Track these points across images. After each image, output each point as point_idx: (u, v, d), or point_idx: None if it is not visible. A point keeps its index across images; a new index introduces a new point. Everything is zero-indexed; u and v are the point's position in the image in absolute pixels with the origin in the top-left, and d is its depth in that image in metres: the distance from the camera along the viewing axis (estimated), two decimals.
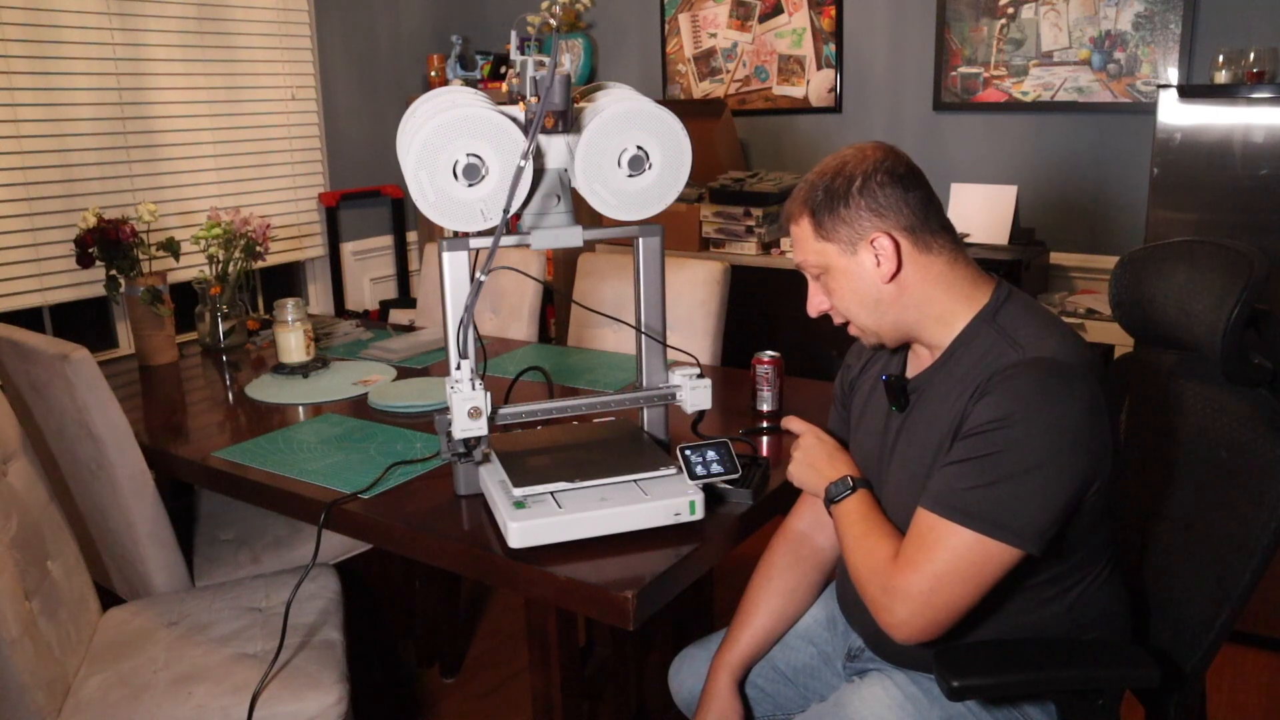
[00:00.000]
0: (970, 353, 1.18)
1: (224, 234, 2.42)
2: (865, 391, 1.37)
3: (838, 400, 1.47)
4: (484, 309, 2.68)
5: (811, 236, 1.22)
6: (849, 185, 1.18)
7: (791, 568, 1.44)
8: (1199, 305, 1.25)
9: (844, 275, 1.21)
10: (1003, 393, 1.09)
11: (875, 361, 1.38)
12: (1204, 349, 1.26)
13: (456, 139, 1.32)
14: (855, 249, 1.19)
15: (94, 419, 1.71)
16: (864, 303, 1.22)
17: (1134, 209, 2.93)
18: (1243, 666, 2.33)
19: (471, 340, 1.40)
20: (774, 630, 1.43)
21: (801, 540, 1.45)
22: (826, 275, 1.23)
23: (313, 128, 3.62)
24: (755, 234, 3.23)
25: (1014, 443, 1.07)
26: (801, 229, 1.23)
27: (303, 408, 1.99)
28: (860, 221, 1.18)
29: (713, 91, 3.70)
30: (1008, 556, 1.08)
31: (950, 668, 1.12)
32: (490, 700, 2.31)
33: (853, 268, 1.20)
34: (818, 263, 1.22)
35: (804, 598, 1.45)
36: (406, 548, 1.45)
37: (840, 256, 1.20)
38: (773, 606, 1.43)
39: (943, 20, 3.18)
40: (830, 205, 1.19)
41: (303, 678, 1.57)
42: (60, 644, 1.59)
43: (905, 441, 1.25)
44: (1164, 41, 2.84)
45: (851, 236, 1.19)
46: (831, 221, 1.19)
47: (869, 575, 1.17)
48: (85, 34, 2.89)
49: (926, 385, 1.24)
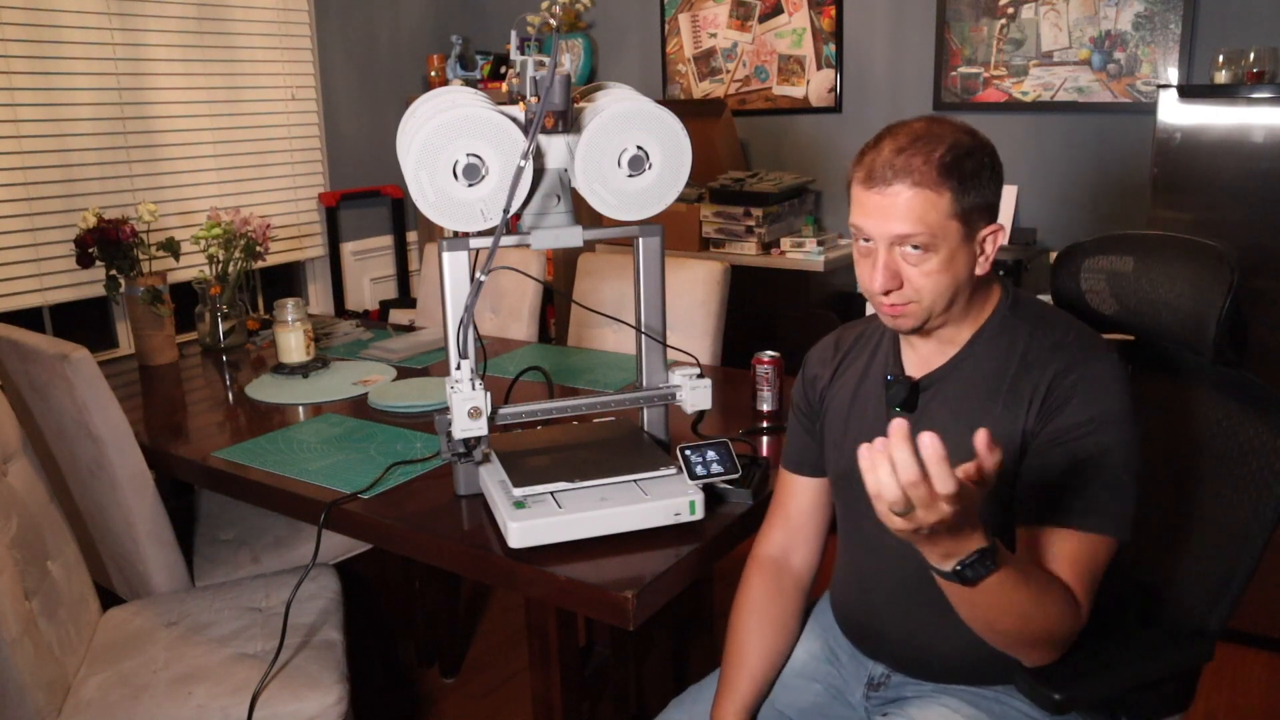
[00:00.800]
0: (994, 347, 1.17)
1: (224, 234, 2.42)
2: (845, 399, 1.30)
3: (801, 414, 1.38)
4: (484, 309, 2.68)
5: (947, 206, 1.08)
6: (993, 167, 1.11)
7: (775, 600, 1.36)
8: (1170, 294, 1.28)
9: (951, 259, 1.10)
10: (1085, 395, 1.10)
11: (850, 365, 1.32)
12: (1172, 335, 1.30)
13: (456, 139, 1.32)
14: (974, 235, 1.11)
15: (94, 419, 1.71)
16: (951, 288, 1.12)
17: (1134, 209, 2.93)
18: (1243, 666, 2.33)
19: (471, 340, 1.40)
20: (770, 669, 1.35)
21: (778, 568, 1.37)
22: (930, 251, 1.10)
23: (313, 128, 3.62)
24: (755, 234, 3.23)
25: (1115, 441, 1.09)
26: (929, 198, 1.08)
27: (303, 408, 1.99)
28: (989, 210, 1.12)
29: (713, 91, 3.70)
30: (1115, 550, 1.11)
31: (1048, 683, 1.11)
32: (490, 700, 2.31)
33: (961, 253, 1.11)
34: (932, 235, 1.09)
35: (793, 628, 1.38)
36: (406, 548, 1.45)
37: (959, 239, 1.10)
38: (766, 645, 1.34)
39: (943, 20, 3.18)
40: (976, 182, 1.09)
41: (303, 678, 1.57)
42: (60, 644, 1.59)
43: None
44: (1164, 41, 2.84)
45: (979, 222, 1.11)
46: (971, 201, 1.09)
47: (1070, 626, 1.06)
48: (85, 34, 2.89)
49: (942, 381, 1.20)
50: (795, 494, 1.39)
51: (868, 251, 1.14)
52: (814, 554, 1.39)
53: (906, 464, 0.85)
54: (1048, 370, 1.13)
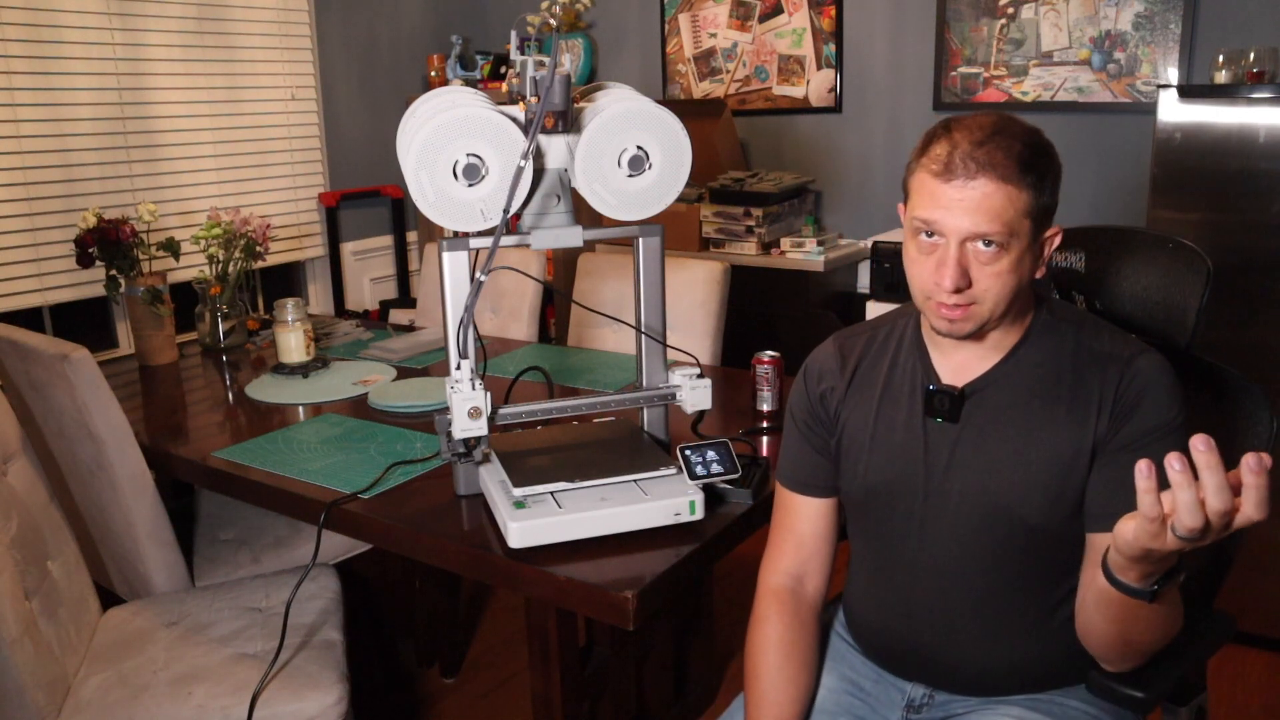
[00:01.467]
0: (1041, 352, 1.15)
1: (224, 234, 2.42)
2: (868, 411, 1.24)
3: (808, 430, 1.30)
4: (484, 309, 2.68)
5: (1025, 205, 1.05)
6: (1058, 171, 1.09)
7: (798, 635, 1.27)
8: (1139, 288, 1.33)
9: (1020, 259, 1.07)
10: (1154, 398, 1.10)
11: (868, 374, 1.26)
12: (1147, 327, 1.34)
13: (456, 139, 1.32)
14: (1040, 236, 1.09)
15: (94, 419, 1.71)
16: (1016, 290, 1.09)
17: (1134, 209, 2.93)
18: (1243, 666, 2.33)
19: (471, 340, 1.40)
20: (803, 710, 1.26)
21: (794, 599, 1.28)
22: (1005, 250, 1.06)
23: (313, 128, 3.62)
24: (755, 234, 3.23)
25: (1179, 444, 1.07)
26: (1012, 195, 1.04)
27: (303, 408, 1.99)
28: (1053, 212, 1.10)
29: (713, 91, 3.70)
30: None
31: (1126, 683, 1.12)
32: (490, 700, 2.31)
33: (1029, 255, 1.08)
34: (1009, 232, 1.05)
35: (816, 661, 1.30)
36: (406, 548, 1.45)
37: (1029, 239, 1.07)
38: (797, 685, 1.25)
39: (943, 20, 3.18)
40: (1049, 184, 1.07)
41: (303, 678, 1.57)
42: (60, 644, 1.59)
43: (974, 451, 1.16)
44: (1164, 41, 2.84)
45: (1045, 223, 1.09)
46: (1044, 201, 1.07)
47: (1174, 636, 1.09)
48: (85, 34, 2.89)
49: (987, 389, 1.16)
50: (806, 517, 1.30)
51: (931, 248, 1.09)
52: (826, 577, 1.32)
53: (1220, 490, 0.80)
54: (1111, 373, 1.11)
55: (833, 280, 3.23)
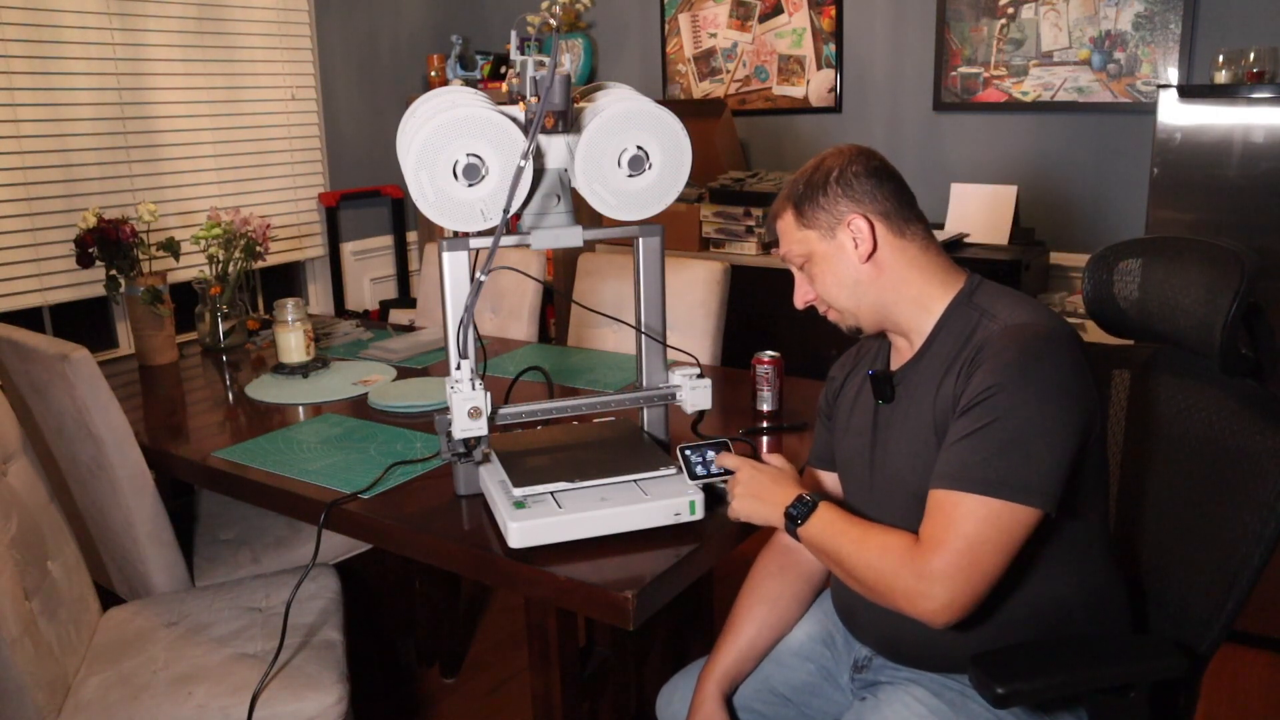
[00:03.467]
0: (950, 334, 1.22)
1: (224, 234, 2.42)
2: (851, 396, 1.39)
3: (823, 416, 1.48)
4: (484, 309, 2.68)
5: (794, 227, 1.29)
6: (826, 176, 1.27)
7: (774, 576, 1.44)
8: (1186, 300, 1.27)
9: (824, 260, 1.27)
10: (992, 362, 1.13)
11: (859, 369, 1.40)
12: (1188, 341, 1.28)
13: (456, 139, 1.32)
14: (834, 233, 1.26)
15: (94, 419, 1.71)
16: (843, 284, 1.27)
17: (1134, 209, 2.93)
18: (1243, 666, 2.33)
19: (471, 340, 1.40)
20: (761, 641, 1.41)
21: (785, 551, 1.44)
22: (809, 263, 1.29)
23: (313, 128, 3.62)
24: (755, 234, 3.23)
25: (1012, 407, 1.10)
26: (785, 222, 1.30)
27: (303, 408, 1.99)
28: (837, 206, 1.25)
29: (713, 91, 3.70)
30: (1029, 518, 1.10)
31: (993, 675, 1.09)
32: (490, 700, 2.31)
33: (832, 251, 1.26)
34: (801, 251, 1.29)
35: (789, 606, 1.43)
36: (406, 548, 1.45)
37: (820, 241, 1.27)
38: (757, 615, 1.41)
39: (943, 20, 3.18)
40: (810, 195, 1.27)
41: (303, 678, 1.57)
42: (60, 644, 1.59)
43: (894, 431, 1.27)
44: (1164, 41, 2.84)
45: (830, 221, 1.26)
46: (811, 210, 1.27)
47: (893, 570, 1.12)
48: (85, 34, 2.89)
49: (911, 373, 1.27)
50: (817, 487, 1.45)
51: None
52: None
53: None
54: (974, 344, 1.17)
55: None
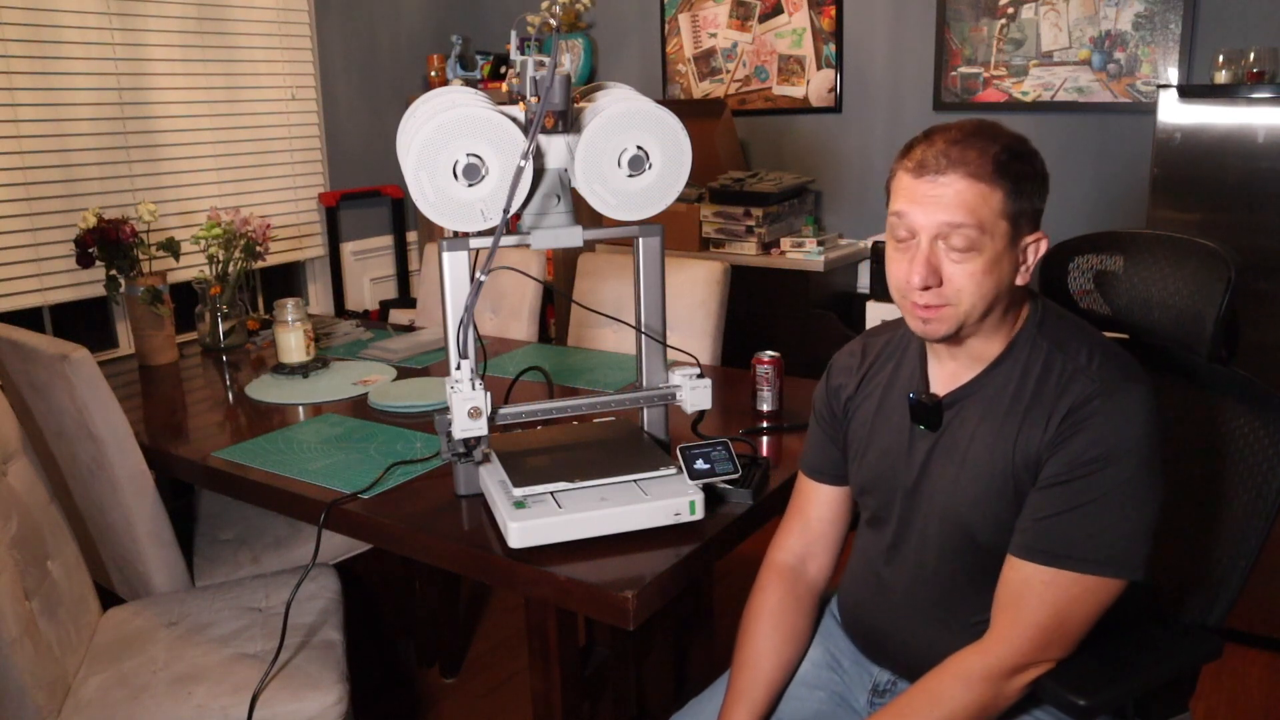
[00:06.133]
0: (1019, 366, 1.14)
1: (224, 234, 2.42)
2: (870, 410, 1.29)
3: (824, 421, 1.36)
4: (484, 309, 2.68)
5: (997, 209, 1.06)
6: (1041, 177, 1.09)
7: (791, 609, 1.33)
8: (1162, 293, 1.28)
9: (996, 262, 1.07)
10: (1097, 429, 1.06)
11: (875, 376, 1.30)
12: (1168, 334, 1.29)
13: (456, 139, 1.32)
14: (1019, 240, 1.09)
15: (94, 419, 1.71)
16: (992, 294, 1.09)
17: (1134, 209, 2.93)
18: (1243, 666, 2.33)
19: (471, 340, 1.40)
20: (784, 679, 1.32)
21: (794, 576, 1.35)
22: (977, 251, 1.06)
23: (313, 128, 3.62)
24: (755, 234, 3.23)
25: (1122, 482, 1.05)
26: (984, 194, 1.06)
27: (303, 408, 1.99)
28: (1035, 217, 1.10)
29: (713, 91, 3.70)
30: (1121, 588, 1.08)
31: (1071, 689, 1.10)
32: (490, 700, 2.31)
33: (1006, 258, 1.08)
34: (980, 233, 1.06)
35: (806, 638, 1.35)
36: (406, 548, 1.45)
37: (1006, 242, 1.07)
38: (782, 655, 1.31)
39: (943, 20, 3.18)
40: (1028, 188, 1.08)
41: (303, 678, 1.57)
42: (60, 644, 1.59)
43: (948, 464, 1.18)
44: (1164, 41, 2.84)
45: (1024, 228, 1.09)
46: (1021, 205, 1.07)
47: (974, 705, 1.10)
48: (85, 34, 2.89)
49: (966, 399, 1.17)
50: (815, 501, 1.37)
51: (906, 246, 1.10)
52: (831, 562, 1.38)
53: None
54: (1065, 397, 1.09)
55: (833, 280, 3.23)
